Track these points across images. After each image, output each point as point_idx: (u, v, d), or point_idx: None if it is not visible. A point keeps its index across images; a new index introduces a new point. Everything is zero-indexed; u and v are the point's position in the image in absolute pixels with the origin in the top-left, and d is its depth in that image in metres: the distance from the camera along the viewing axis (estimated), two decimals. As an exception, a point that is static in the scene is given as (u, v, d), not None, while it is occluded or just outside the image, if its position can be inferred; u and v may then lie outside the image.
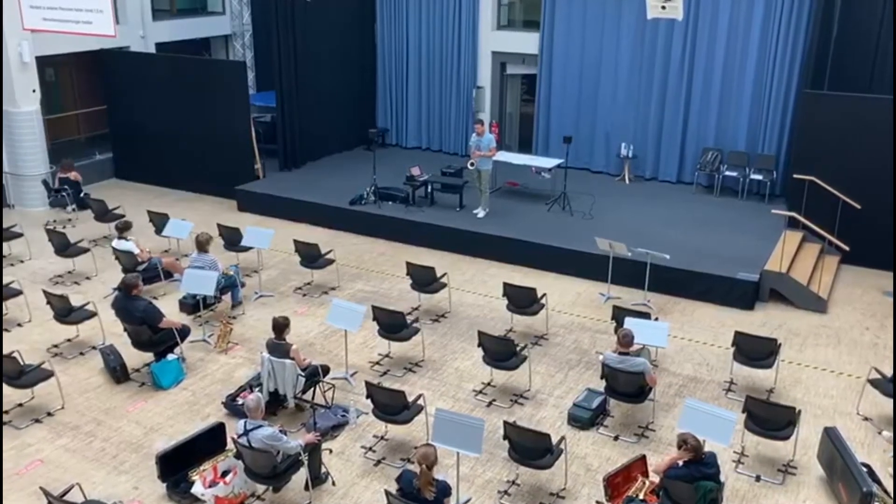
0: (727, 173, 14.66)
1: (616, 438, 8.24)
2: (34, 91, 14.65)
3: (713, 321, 10.84)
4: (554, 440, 7.19)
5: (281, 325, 8.28)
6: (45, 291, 10.01)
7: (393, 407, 7.79)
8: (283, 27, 15.28)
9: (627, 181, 15.57)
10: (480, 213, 13.61)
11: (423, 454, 6.20)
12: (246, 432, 6.82)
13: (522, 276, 11.90)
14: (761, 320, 10.84)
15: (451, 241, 13.11)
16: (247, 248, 12.01)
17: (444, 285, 11.01)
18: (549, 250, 12.38)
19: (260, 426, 6.82)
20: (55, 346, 10.04)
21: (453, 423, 6.93)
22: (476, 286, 11.90)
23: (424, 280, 10.88)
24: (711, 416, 7.05)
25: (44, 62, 14.89)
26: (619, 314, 9.49)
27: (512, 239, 12.70)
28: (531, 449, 7.09)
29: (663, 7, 11.19)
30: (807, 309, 11.12)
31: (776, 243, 12.26)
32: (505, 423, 7.29)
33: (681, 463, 6.51)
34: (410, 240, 13.41)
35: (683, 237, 12.56)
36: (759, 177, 14.41)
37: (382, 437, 8.22)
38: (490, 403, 8.85)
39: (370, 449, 8.05)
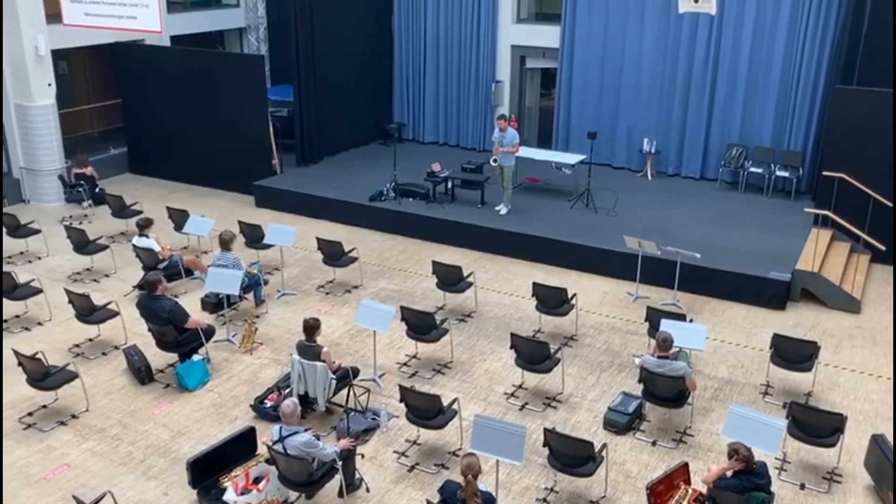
0: (752, 170, 14.42)
1: (654, 444, 8.05)
2: (49, 85, 14.44)
3: (745, 321, 10.64)
4: (593, 446, 7.00)
5: (312, 327, 8.09)
6: (67, 290, 9.83)
7: (428, 411, 7.60)
8: (300, 20, 15.06)
9: (650, 177, 15.34)
10: (503, 209, 13.40)
11: (467, 464, 6.01)
12: (281, 439, 6.64)
13: (547, 275, 11.71)
14: (794, 320, 10.63)
15: (472, 239, 12.91)
16: (268, 246, 11.81)
17: (471, 284, 10.82)
18: (574, 248, 12.17)
19: (296, 432, 6.65)
20: (77, 345, 9.87)
21: (493, 430, 6.74)
22: (500, 285, 11.71)
23: (451, 279, 10.69)
24: (758, 422, 6.85)
25: (56, 55, 14.65)
26: (653, 316, 9.28)
27: (536, 237, 12.49)
28: (573, 456, 6.91)
29: (696, 0, 10.92)
30: (839, 309, 10.90)
31: (805, 241, 12.06)
32: (545, 430, 7.10)
33: (729, 474, 6.32)
34: (431, 237, 13.21)
35: (710, 235, 12.34)
36: (785, 173, 14.17)
37: (415, 442, 8.04)
38: (523, 407, 8.66)
39: (403, 454, 7.87)
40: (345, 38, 16.17)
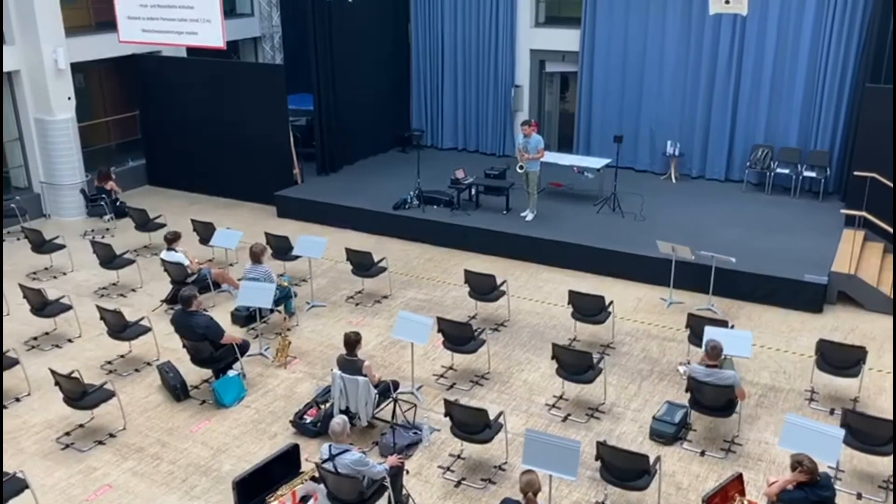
0: (778, 170, 14.26)
1: (702, 454, 7.91)
2: (69, 98, 14.37)
3: (782, 326, 10.49)
4: (648, 459, 6.86)
5: (353, 341, 7.96)
6: (99, 307, 9.72)
7: (474, 426, 7.47)
8: (319, 29, 14.95)
9: (674, 180, 15.20)
10: (528, 215, 13.27)
11: (527, 481, 5.89)
12: (331, 457, 6.51)
13: (578, 281, 11.59)
14: (832, 324, 10.48)
15: (499, 246, 12.79)
16: (296, 257, 11.69)
17: (504, 293, 10.68)
18: (603, 254, 12.04)
19: (346, 450, 6.52)
20: (108, 362, 9.76)
21: (546, 445, 6.61)
22: (531, 292, 11.57)
23: (483, 288, 10.56)
24: (815, 432, 6.71)
25: (73, 68, 14.55)
26: (694, 323, 9.14)
27: (564, 242, 12.35)
28: (627, 470, 6.77)
29: (727, 2, 10.78)
30: (878, 311, 10.73)
31: (837, 243, 11.92)
32: (598, 443, 6.96)
33: (791, 487, 6.17)
34: (457, 244, 13.09)
35: (740, 237, 12.20)
36: (813, 174, 14.01)
37: (459, 456, 7.91)
38: (566, 418, 8.53)
39: (448, 469, 7.74)
40: (362, 45, 16.06)
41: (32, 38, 13.77)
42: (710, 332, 8.35)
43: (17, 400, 8.93)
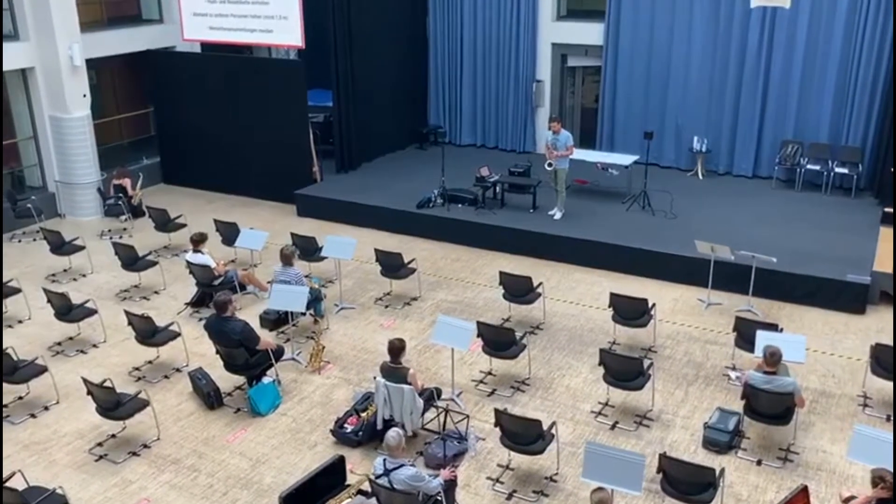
0: (809, 167, 13.98)
1: (759, 463, 7.65)
2: (85, 96, 14.06)
3: (825, 327, 10.24)
4: (714, 472, 6.61)
5: (397, 348, 7.70)
6: (127, 312, 9.43)
7: (526, 436, 7.21)
8: (339, 25, 14.59)
9: (701, 176, 14.92)
10: (557, 214, 12.99)
11: (599, 500, 5.64)
12: (386, 472, 6.25)
13: (610, 282, 11.32)
14: (877, 325, 10.22)
15: (528, 245, 12.51)
16: (322, 258, 11.41)
17: (539, 295, 10.41)
18: (637, 253, 11.77)
19: (401, 465, 6.26)
20: (136, 368, 9.49)
21: (607, 458, 6.35)
22: (564, 293, 11.30)
23: (519, 290, 10.29)
24: (887, 444, 6.45)
25: (86, 65, 14.22)
26: (742, 326, 8.88)
27: (597, 242, 12.07)
28: (692, 484, 6.52)
29: (770, -6, 10.48)
30: (922, 312, 10.50)
31: (874, 241, 11.66)
32: (660, 455, 6.71)
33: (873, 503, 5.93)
34: (483, 244, 12.81)
35: (773, 235, 11.92)
36: (844, 170, 13.72)
37: (507, 467, 7.65)
38: (614, 426, 8.27)
39: (497, 480, 7.48)
40: (380, 40, 15.70)
41: (47, 34, 13.44)
42: (761, 337, 8.09)
43: (46, 409, 8.67)
